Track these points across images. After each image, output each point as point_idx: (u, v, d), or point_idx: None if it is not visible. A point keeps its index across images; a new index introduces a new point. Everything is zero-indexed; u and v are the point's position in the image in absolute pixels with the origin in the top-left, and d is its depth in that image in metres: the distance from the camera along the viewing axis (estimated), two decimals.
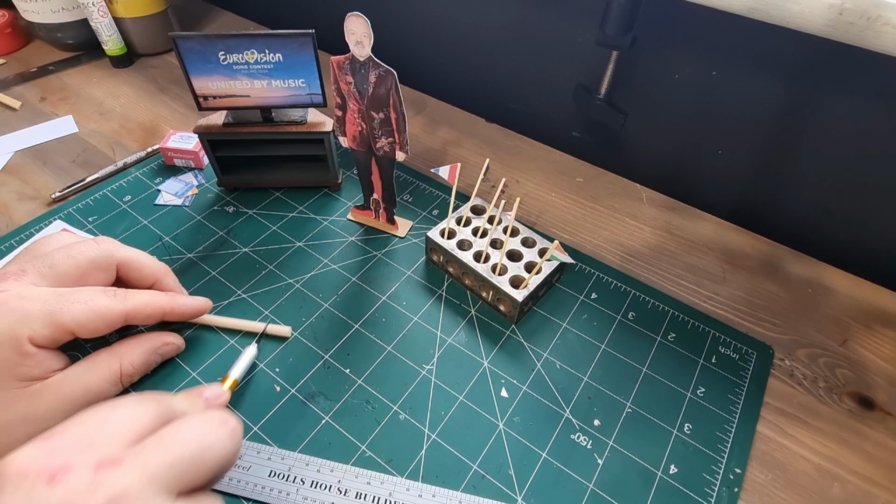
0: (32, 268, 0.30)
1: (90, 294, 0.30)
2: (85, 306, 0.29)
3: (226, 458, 0.24)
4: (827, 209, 0.46)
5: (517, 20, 0.53)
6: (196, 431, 0.23)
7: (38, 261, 0.31)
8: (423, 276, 0.42)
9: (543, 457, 0.32)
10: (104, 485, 0.20)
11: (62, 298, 0.29)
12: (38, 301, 0.28)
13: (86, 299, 0.29)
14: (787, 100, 0.43)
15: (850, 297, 0.43)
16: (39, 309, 0.28)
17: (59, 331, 0.28)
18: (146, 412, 0.24)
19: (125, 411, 0.23)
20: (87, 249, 0.32)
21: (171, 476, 0.21)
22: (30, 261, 0.31)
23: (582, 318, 0.40)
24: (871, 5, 0.32)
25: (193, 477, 0.22)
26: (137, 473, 0.21)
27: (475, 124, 0.59)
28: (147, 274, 0.34)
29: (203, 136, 0.43)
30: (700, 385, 0.36)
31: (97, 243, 0.33)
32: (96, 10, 0.59)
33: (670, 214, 0.50)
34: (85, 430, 0.22)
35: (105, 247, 0.33)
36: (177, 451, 0.22)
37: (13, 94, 0.60)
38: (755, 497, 0.32)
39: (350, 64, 0.35)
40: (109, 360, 0.31)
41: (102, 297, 0.30)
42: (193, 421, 0.24)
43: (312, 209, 0.47)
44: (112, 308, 0.30)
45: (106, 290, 0.31)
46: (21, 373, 0.28)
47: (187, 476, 0.22)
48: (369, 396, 0.35)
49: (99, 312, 0.29)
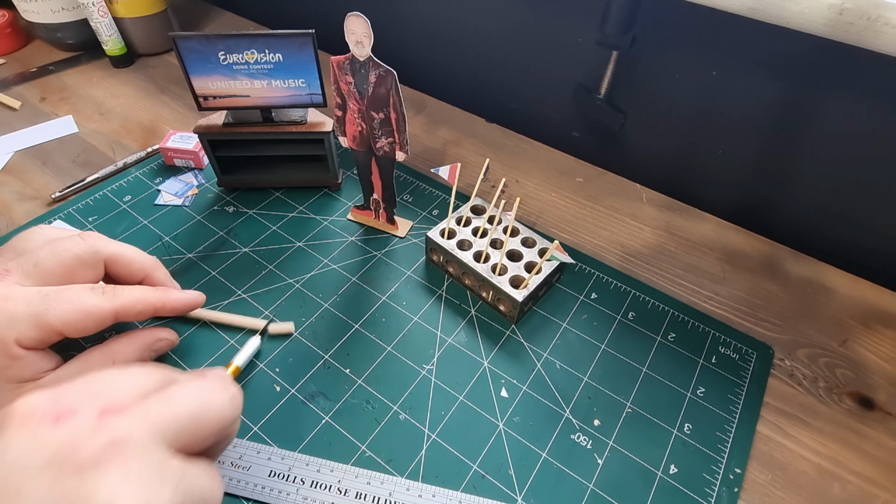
0: (16, 266, 0.29)
1: (77, 293, 0.29)
2: (72, 306, 0.28)
3: (225, 422, 0.24)
4: (827, 209, 0.46)
5: (517, 20, 0.53)
6: (199, 391, 0.24)
7: (22, 259, 0.30)
8: (423, 276, 0.42)
9: (543, 457, 0.32)
10: (107, 428, 0.20)
11: (48, 299, 0.28)
12: (23, 302, 0.28)
13: (73, 298, 0.29)
14: (786, 100, 0.43)
15: (850, 297, 0.43)
16: (25, 310, 0.27)
17: (46, 332, 0.28)
18: (151, 375, 0.24)
19: (132, 373, 0.24)
20: (73, 246, 0.31)
21: (171, 430, 0.22)
22: (13, 258, 0.30)
23: (582, 318, 0.40)
24: (871, 5, 0.32)
25: (193, 434, 0.23)
26: (140, 422, 0.21)
27: (475, 124, 0.59)
28: (136, 269, 0.34)
29: (203, 136, 0.43)
30: (700, 385, 0.36)
31: (83, 238, 0.32)
32: (96, 10, 0.59)
33: (670, 214, 0.50)
34: (93, 384, 0.23)
35: (91, 242, 0.32)
36: (179, 406, 0.23)
37: (13, 94, 0.60)
38: (755, 497, 0.32)
39: (350, 64, 0.35)
40: (102, 358, 0.31)
41: (90, 295, 0.29)
42: (196, 381, 0.24)
43: (312, 209, 0.47)
44: (100, 306, 0.29)
45: (94, 287, 0.30)
46: (11, 375, 0.28)
47: (187, 432, 0.22)
48: (369, 396, 0.35)
49: (87, 312, 0.29)
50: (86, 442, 0.20)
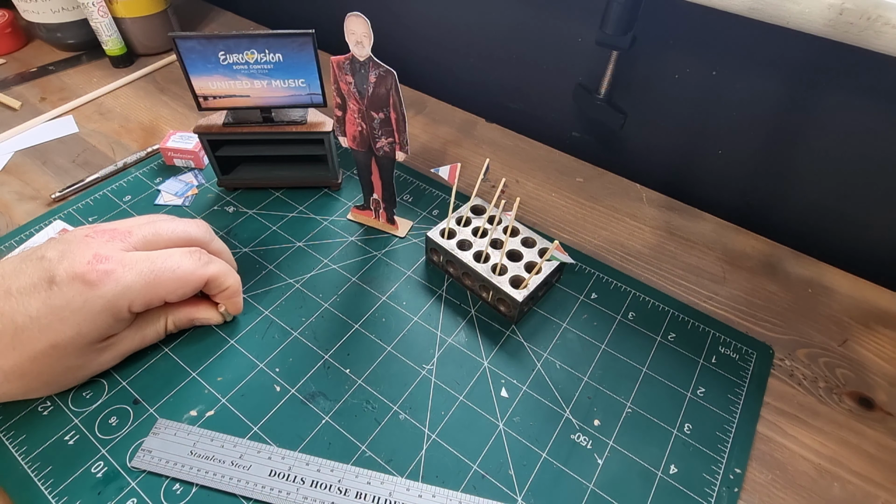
0: (138, 230, 0.33)
1: (177, 260, 0.33)
2: (174, 274, 0.32)
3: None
4: (827, 209, 0.46)
5: (517, 20, 0.53)
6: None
7: (146, 227, 0.34)
8: (423, 276, 0.42)
9: (543, 457, 0.32)
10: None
11: (155, 267, 0.32)
12: (135, 272, 0.31)
13: (174, 267, 0.32)
14: (786, 100, 0.43)
15: (850, 297, 0.43)
16: (137, 280, 0.31)
17: (154, 299, 0.32)
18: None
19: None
20: (190, 229, 0.36)
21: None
22: (138, 225, 0.34)
23: (582, 318, 0.40)
24: (871, 5, 0.32)
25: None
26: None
27: (475, 124, 0.59)
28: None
29: (203, 136, 0.43)
30: (700, 385, 0.36)
31: (198, 227, 0.36)
32: (96, 10, 0.59)
33: (670, 214, 0.50)
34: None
35: (206, 229, 0.37)
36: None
37: (13, 94, 0.60)
38: (755, 497, 0.32)
39: (350, 64, 0.35)
40: (160, 317, 0.35)
41: (188, 261, 0.33)
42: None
43: (312, 209, 0.47)
44: (196, 273, 0.33)
45: (191, 252, 0.34)
46: (108, 334, 0.32)
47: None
48: (369, 396, 0.35)
49: (185, 280, 0.33)
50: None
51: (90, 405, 0.33)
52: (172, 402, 0.34)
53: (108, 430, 0.32)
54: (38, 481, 0.30)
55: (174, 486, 0.30)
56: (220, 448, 0.31)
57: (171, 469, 0.30)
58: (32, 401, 0.33)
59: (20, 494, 0.30)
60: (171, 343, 0.37)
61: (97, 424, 0.33)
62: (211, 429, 0.32)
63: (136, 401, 0.34)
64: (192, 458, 0.31)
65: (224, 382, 0.35)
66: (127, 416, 0.33)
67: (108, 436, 0.32)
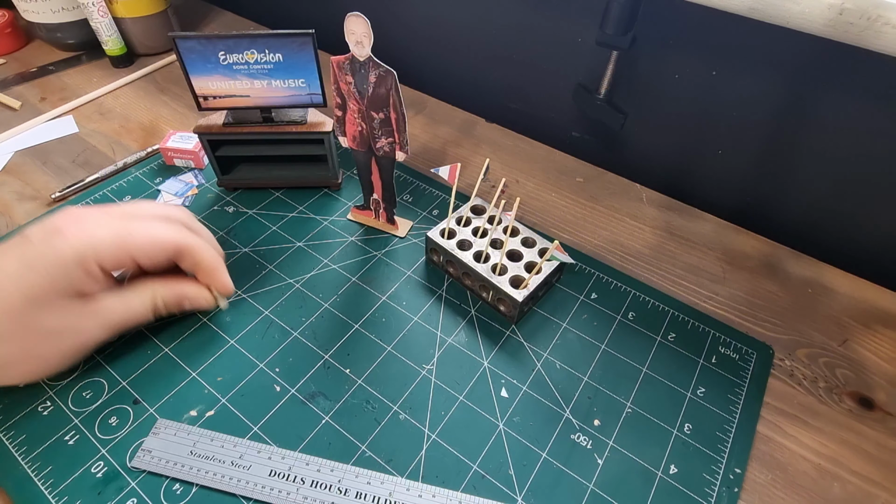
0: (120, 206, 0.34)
1: (153, 223, 0.33)
2: (147, 233, 0.33)
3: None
4: (827, 209, 0.46)
5: (517, 20, 0.53)
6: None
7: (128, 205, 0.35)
8: (423, 276, 0.42)
9: (543, 457, 0.33)
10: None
11: (129, 226, 0.32)
12: (108, 229, 0.32)
13: (147, 227, 0.33)
14: (786, 100, 0.43)
15: (850, 297, 0.43)
16: (108, 235, 0.31)
17: (124, 257, 0.32)
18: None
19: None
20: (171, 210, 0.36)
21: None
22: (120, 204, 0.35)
23: (582, 318, 0.40)
24: (871, 5, 0.32)
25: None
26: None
27: (475, 124, 0.59)
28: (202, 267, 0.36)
29: (203, 136, 0.43)
30: (700, 385, 0.36)
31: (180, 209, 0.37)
32: (96, 10, 0.59)
33: (670, 214, 0.50)
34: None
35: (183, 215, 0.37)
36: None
37: (13, 94, 0.60)
38: (755, 497, 0.32)
39: (350, 64, 0.35)
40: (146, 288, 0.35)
41: (163, 225, 0.34)
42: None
43: (312, 209, 0.47)
44: (169, 236, 0.33)
45: (169, 221, 0.34)
46: (82, 289, 0.31)
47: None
48: (369, 396, 0.35)
49: (157, 240, 0.33)
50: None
51: (90, 405, 0.33)
52: (172, 402, 0.34)
53: (108, 430, 0.32)
54: (38, 481, 0.30)
55: (174, 486, 0.30)
56: (220, 448, 0.31)
57: (171, 469, 0.30)
58: (32, 400, 0.33)
59: (20, 494, 0.30)
60: (171, 343, 0.37)
61: (97, 424, 0.33)
62: (211, 429, 0.33)
63: (136, 401, 0.34)
64: (192, 458, 0.31)
65: (224, 382, 0.35)
66: (127, 416, 0.33)
67: (108, 436, 0.32)
